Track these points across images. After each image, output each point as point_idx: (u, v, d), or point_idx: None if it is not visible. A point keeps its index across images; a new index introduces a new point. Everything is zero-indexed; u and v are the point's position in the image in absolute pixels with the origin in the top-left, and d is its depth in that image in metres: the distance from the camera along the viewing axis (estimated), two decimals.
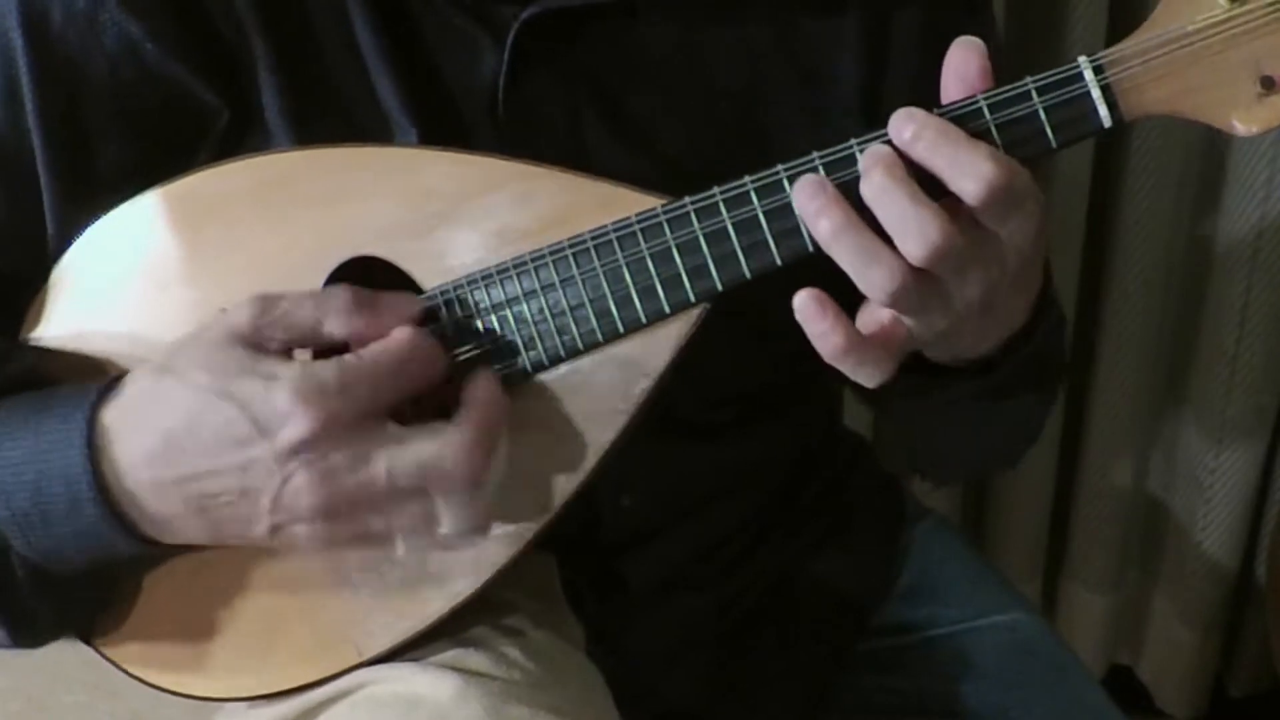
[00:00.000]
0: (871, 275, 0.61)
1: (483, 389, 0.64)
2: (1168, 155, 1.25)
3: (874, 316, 0.64)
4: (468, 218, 0.67)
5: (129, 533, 0.63)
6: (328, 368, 0.61)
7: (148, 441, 0.62)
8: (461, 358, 0.68)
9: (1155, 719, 1.56)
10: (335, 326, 0.63)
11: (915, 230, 0.60)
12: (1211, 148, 1.26)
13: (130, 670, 0.74)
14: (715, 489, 0.87)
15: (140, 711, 1.25)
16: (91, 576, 0.68)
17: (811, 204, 0.62)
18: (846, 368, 0.64)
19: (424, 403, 0.66)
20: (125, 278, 0.70)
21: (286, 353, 0.64)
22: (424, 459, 0.61)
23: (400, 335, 0.64)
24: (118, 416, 0.63)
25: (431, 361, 0.64)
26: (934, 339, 0.66)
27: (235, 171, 0.69)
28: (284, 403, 0.60)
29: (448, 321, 0.68)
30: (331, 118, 0.71)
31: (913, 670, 0.93)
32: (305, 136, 0.70)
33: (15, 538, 0.64)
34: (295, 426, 0.60)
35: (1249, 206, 1.24)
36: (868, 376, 0.64)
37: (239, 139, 0.71)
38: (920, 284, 0.62)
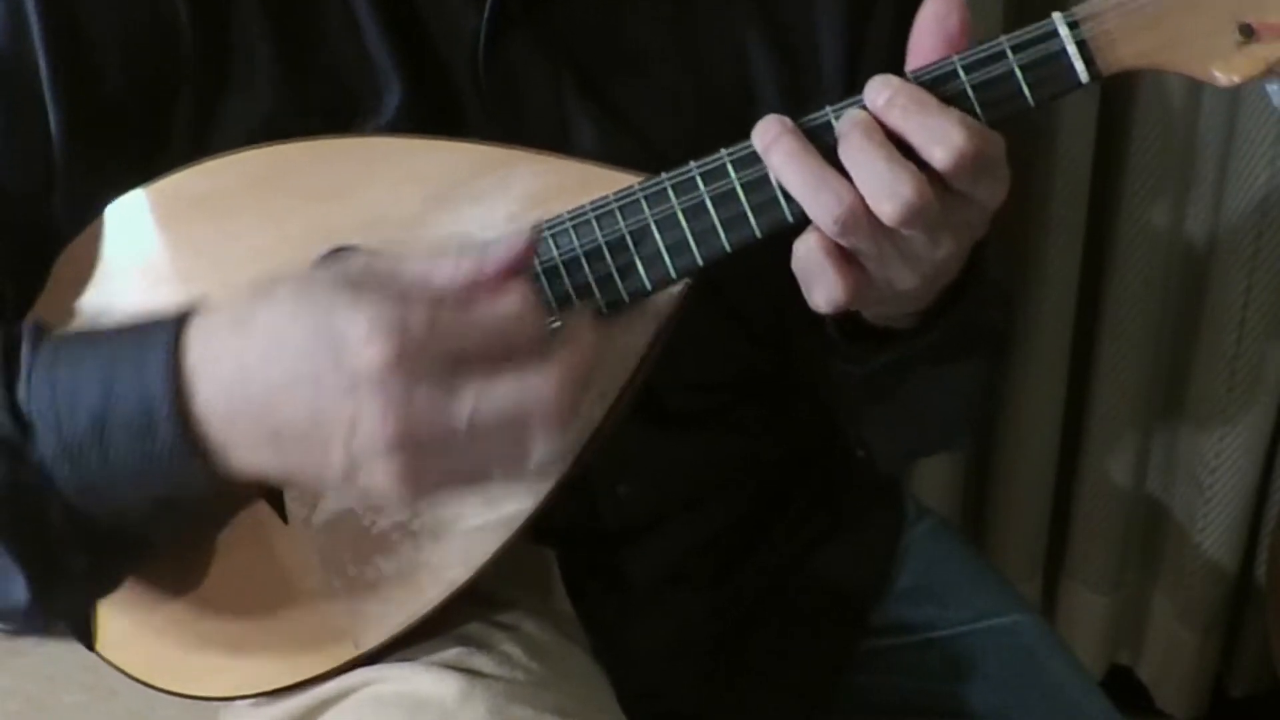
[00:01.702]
0: (820, 200, 0.62)
1: (581, 330, 0.62)
2: (1168, 155, 1.25)
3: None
4: (453, 204, 0.67)
5: (203, 457, 0.60)
6: (422, 308, 0.58)
7: (229, 362, 0.59)
8: None
9: (1155, 719, 1.55)
10: (443, 285, 0.60)
11: (890, 190, 0.60)
12: (1211, 148, 1.26)
13: (131, 673, 0.74)
14: (711, 481, 0.87)
15: (138, 711, 1.25)
16: (131, 528, 0.65)
17: (766, 137, 0.63)
18: (810, 272, 0.64)
19: None
20: (117, 277, 0.70)
21: None
22: (513, 402, 0.58)
23: (511, 300, 0.60)
24: (203, 337, 0.60)
25: (532, 332, 0.61)
26: (894, 298, 0.66)
27: (225, 166, 0.68)
28: (360, 330, 0.57)
29: None
30: (319, 72, 0.71)
31: (912, 671, 0.93)
32: (290, 91, 0.70)
33: (62, 471, 0.61)
34: (365, 355, 0.57)
35: (1249, 206, 1.24)
36: (825, 290, 0.64)
37: (219, 92, 0.70)
38: (884, 238, 0.62)
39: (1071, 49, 0.62)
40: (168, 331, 0.60)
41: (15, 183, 0.69)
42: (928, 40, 0.63)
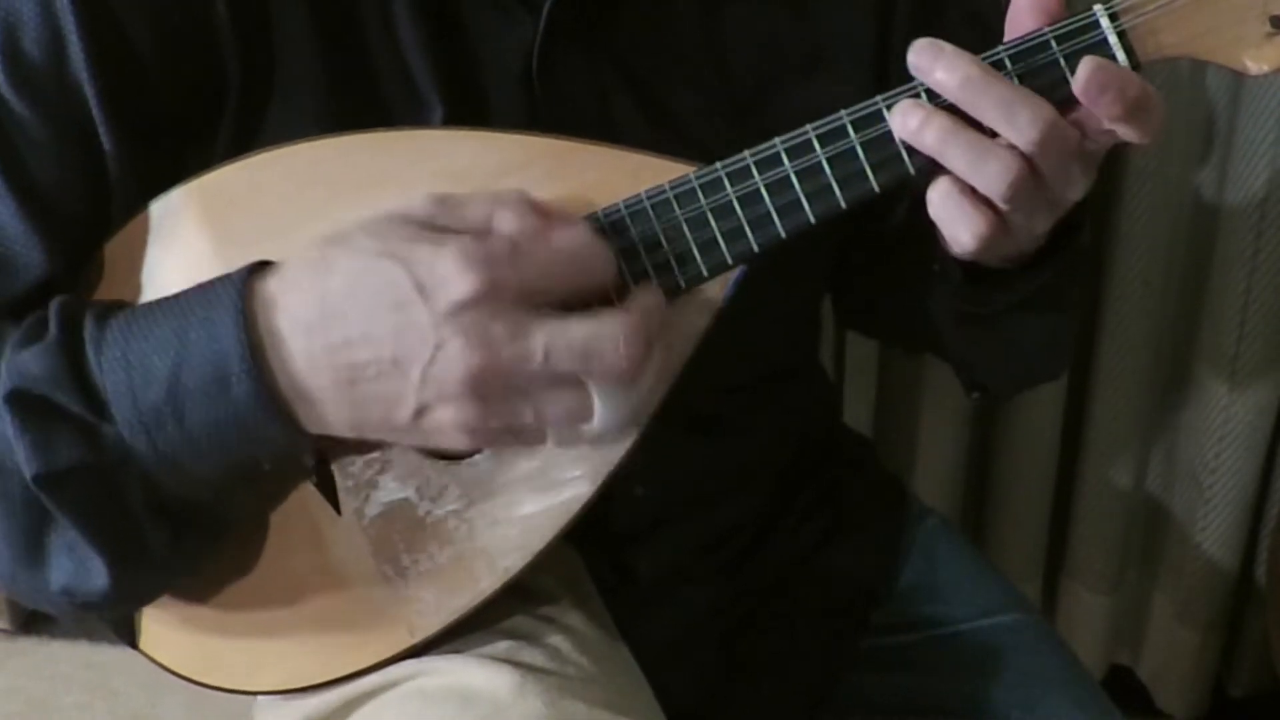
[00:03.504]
0: (989, 168, 0.63)
1: (648, 291, 0.64)
2: (1168, 155, 1.25)
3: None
4: None
5: (279, 413, 0.60)
6: (500, 240, 0.59)
7: (305, 308, 0.60)
8: None
9: (1155, 719, 1.56)
10: (506, 222, 0.61)
11: (1027, 111, 0.62)
12: (1211, 148, 1.26)
13: (176, 670, 0.73)
14: (723, 482, 0.87)
15: (140, 711, 1.25)
16: (208, 497, 0.66)
17: (913, 120, 0.63)
18: (950, 215, 0.65)
19: None
20: (159, 273, 0.70)
21: None
22: (585, 340, 0.59)
23: (579, 228, 0.62)
24: (276, 285, 0.61)
25: (602, 262, 0.62)
26: (1030, 242, 0.68)
27: (265, 163, 0.68)
28: (449, 264, 0.58)
29: None
30: (361, 86, 0.71)
31: (914, 669, 0.93)
32: (333, 103, 0.70)
33: (140, 444, 0.61)
34: (456, 288, 0.58)
35: (1249, 207, 1.24)
36: (970, 227, 0.65)
37: (263, 107, 0.70)
38: (1032, 179, 0.63)
39: (1113, 39, 0.64)
40: (235, 286, 0.61)
41: (72, 202, 0.69)
42: (1026, 16, 0.65)
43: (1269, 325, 1.30)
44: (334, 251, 0.61)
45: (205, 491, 0.65)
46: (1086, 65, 0.62)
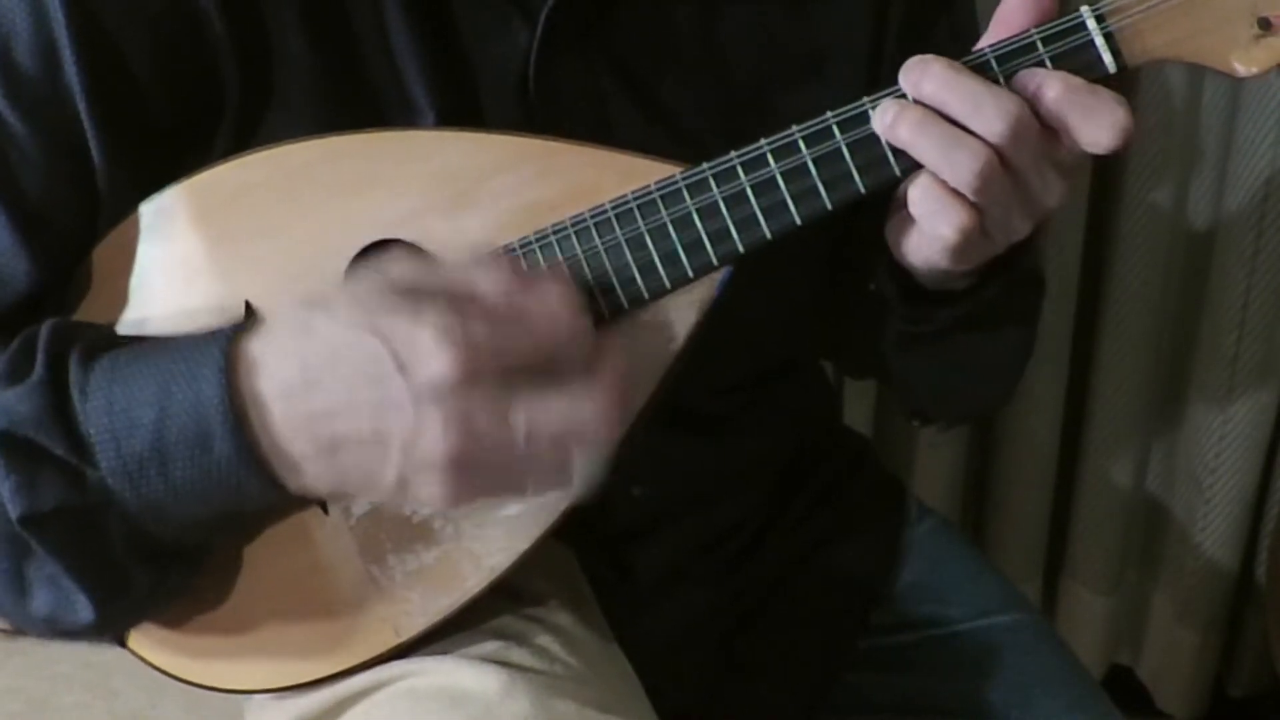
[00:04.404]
0: (958, 158, 0.63)
1: (614, 351, 0.63)
2: (1168, 156, 1.25)
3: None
4: (490, 196, 0.67)
5: (260, 472, 0.61)
6: (481, 321, 0.59)
7: (286, 373, 0.60)
8: None
9: (1155, 719, 1.56)
10: (486, 288, 0.61)
11: (992, 104, 0.62)
12: (1211, 148, 1.26)
13: (164, 669, 0.73)
14: (722, 482, 0.87)
15: (140, 711, 1.25)
16: (192, 540, 0.66)
17: (888, 115, 0.64)
18: (930, 211, 0.65)
19: None
20: (151, 273, 0.70)
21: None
22: (564, 419, 0.59)
23: (563, 313, 0.61)
24: (259, 347, 0.61)
25: (580, 337, 0.62)
26: (1004, 245, 0.68)
27: (257, 162, 0.68)
28: (428, 341, 0.57)
29: None
30: (357, 92, 0.71)
31: (913, 669, 0.93)
32: (329, 111, 0.70)
33: (123, 489, 0.61)
34: (435, 366, 0.57)
35: (1248, 206, 1.24)
36: (951, 220, 0.65)
37: (259, 117, 0.70)
38: (1005, 174, 0.64)
39: (1099, 40, 0.64)
40: (220, 344, 0.61)
41: (60, 213, 0.69)
42: (1017, 13, 0.65)
43: (1269, 325, 1.30)
44: (315, 318, 0.60)
45: (188, 534, 0.65)
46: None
